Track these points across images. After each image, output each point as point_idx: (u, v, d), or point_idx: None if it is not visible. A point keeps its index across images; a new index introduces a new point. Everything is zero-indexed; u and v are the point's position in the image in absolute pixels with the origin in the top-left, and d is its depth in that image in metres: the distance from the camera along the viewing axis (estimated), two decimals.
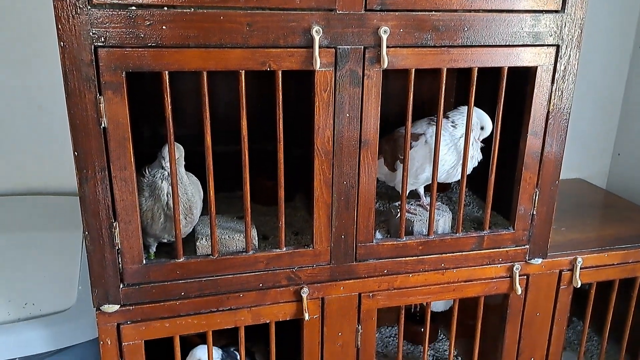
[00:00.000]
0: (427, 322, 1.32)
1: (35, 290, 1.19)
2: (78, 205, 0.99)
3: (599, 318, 1.50)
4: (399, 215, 1.24)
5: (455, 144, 1.25)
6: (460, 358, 1.72)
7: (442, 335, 1.84)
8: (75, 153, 0.96)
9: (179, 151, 1.08)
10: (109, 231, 1.02)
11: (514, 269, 1.30)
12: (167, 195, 1.07)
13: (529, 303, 1.35)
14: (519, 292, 1.31)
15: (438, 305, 1.67)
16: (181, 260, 1.09)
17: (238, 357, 1.28)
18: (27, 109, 1.52)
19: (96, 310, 1.06)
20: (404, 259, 1.23)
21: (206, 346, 1.18)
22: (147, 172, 1.08)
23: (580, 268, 1.35)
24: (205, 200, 1.11)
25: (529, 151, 1.21)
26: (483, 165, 1.27)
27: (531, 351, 1.40)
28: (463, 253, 1.26)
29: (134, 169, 1.00)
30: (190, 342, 1.60)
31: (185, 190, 1.09)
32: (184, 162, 1.10)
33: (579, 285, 1.35)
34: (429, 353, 1.75)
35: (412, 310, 1.79)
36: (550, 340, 1.41)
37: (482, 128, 1.26)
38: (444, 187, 1.58)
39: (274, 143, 1.07)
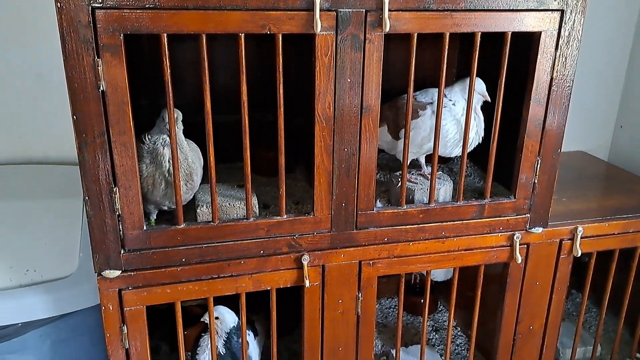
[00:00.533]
0: (427, 290, 1.33)
1: (37, 257, 1.19)
2: (78, 174, 0.99)
3: (598, 290, 1.51)
4: (399, 184, 1.24)
5: (458, 117, 1.23)
6: (459, 329, 1.73)
7: (441, 307, 1.85)
8: (74, 117, 0.95)
9: (177, 115, 1.07)
10: (109, 196, 1.01)
11: (515, 237, 1.30)
12: (168, 162, 1.07)
13: (529, 272, 1.36)
14: (519, 261, 1.31)
15: (438, 276, 1.68)
16: (182, 226, 1.08)
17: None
18: (26, 78, 1.50)
19: (97, 276, 1.06)
20: (404, 227, 1.23)
21: (225, 307, 1.19)
22: (147, 139, 1.08)
23: (581, 237, 1.35)
24: (206, 168, 1.11)
25: (532, 119, 1.20)
26: (485, 135, 1.26)
27: (530, 320, 1.41)
28: (464, 221, 1.26)
29: (134, 134, 0.99)
30: (191, 313, 1.62)
31: (185, 157, 1.09)
32: (182, 127, 1.09)
33: (579, 255, 1.36)
34: (428, 324, 1.76)
35: (412, 281, 1.80)
36: (549, 309, 1.42)
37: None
38: (445, 159, 1.57)
39: (275, 112, 1.06)
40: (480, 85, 1.23)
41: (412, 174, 1.34)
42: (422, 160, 1.35)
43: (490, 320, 1.45)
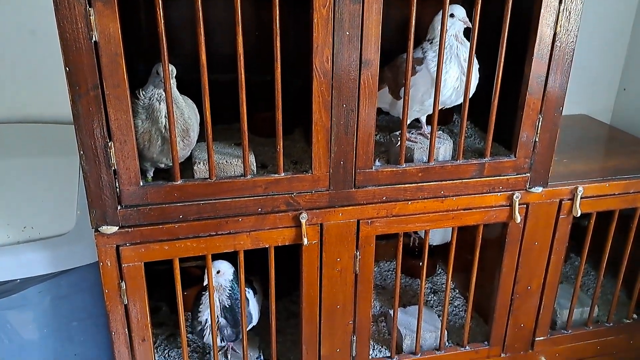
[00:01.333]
0: (425, 250, 1.33)
1: (34, 214, 1.19)
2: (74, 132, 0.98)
3: (596, 254, 1.51)
4: (399, 143, 1.22)
5: (457, 61, 1.20)
6: (457, 290, 1.74)
7: (440, 270, 1.86)
8: (67, 69, 0.93)
9: (171, 70, 1.05)
10: (105, 151, 1.00)
11: (514, 197, 1.29)
12: (164, 117, 1.05)
13: (528, 232, 1.35)
14: (518, 220, 1.31)
15: (436, 239, 1.68)
16: (179, 182, 1.08)
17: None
18: (20, 36, 1.48)
19: (94, 232, 1.06)
20: (403, 186, 1.22)
21: (225, 261, 1.19)
22: (142, 95, 1.06)
23: (581, 197, 1.34)
24: (202, 125, 1.10)
25: (534, 75, 1.18)
26: (485, 96, 1.24)
27: (528, 280, 1.41)
28: (463, 180, 1.25)
29: (128, 87, 0.97)
30: (190, 274, 1.63)
31: (181, 112, 1.07)
32: (175, 82, 1.07)
33: (578, 215, 1.35)
34: (427, 286, 1.77)
35: (411, 244, 1.81)
36: (547, 269, 1.42)
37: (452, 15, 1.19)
38: (445, 120, 1.56)
39: (273, 74, 1.04)
40: (460, 11, 1.19)
41: (412, 133, 1.33)
42: (423, 119, 1.34)
43: (488, 282, 1.45)
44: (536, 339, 1.49)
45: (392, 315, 1.43)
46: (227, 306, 1.26)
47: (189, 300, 1.42)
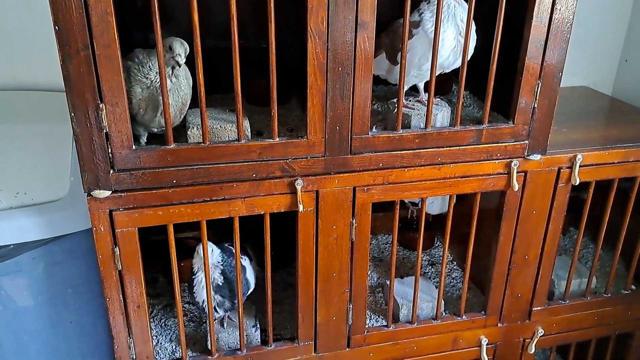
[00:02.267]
0: (422, 218, 1.32)
1: (27, 180, 1.18)
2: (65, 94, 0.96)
3: (594, 227, 1.50)
4: (396, 110, 1.21)
5: (454, 21, 1.18)
6: (455, 263, 1.74)
7: (438, 242, 1.85)
8: (56, 27, 0.91)
9: (185, 47, 1.04)
10: (96, 113, 0.99)
11: (512, 164, 1.28)
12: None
13: (526, 201, 1.34)
14: (516, 188, 1.30)
15: (434, 208, 1.67)
16: (172, 146, 1.06)
17: (233, 251, 1.29)
18: (13, 1, 1.45)
19: (87, 196, 1.05)
20: (399, 152, 1.21)
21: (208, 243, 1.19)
22: (148, 66, 1.04)
23: (580, 165, 1.33)
24: (195, 88, 1.08)
25: (533, 39, 1.16)
26: (483, 64, 1.21)
27: (525, 249, 1.41)
28: (460, 147, 1.24)
29: (119, 47, 0.95)
30: (186, 245, 1.62)
31: (181, 87, 1.06)
32: (185, 59, 1.05)
33: (577, 183, 1.34)
34: (424, 258, 1.77)
35: (409, 216, 1.80)
36: (545, 239, 1.41)
37: None
38: (443, 90, 1.54)
39: (268, 40, 1.02)
40: None
41: (410, 100, 1.31)
42: (421, 86, 1.32)
43: (485, 254, 1.45)
44: (533, 309, 1.49)
45: (389, 285, 1.43)
46: (221, 284, 1.25)
47: (185, 271, 1.42)
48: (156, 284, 1.60)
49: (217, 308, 1.27)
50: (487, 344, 1.48)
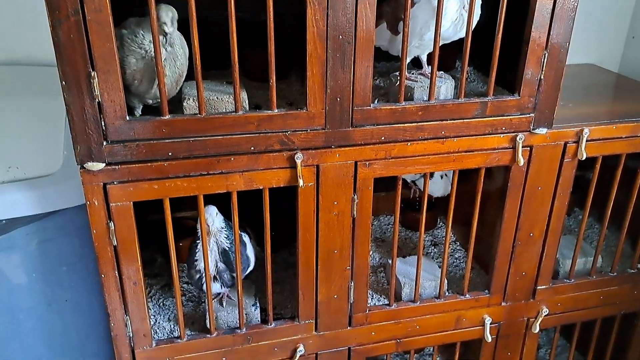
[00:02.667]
0: (425, 194, 1.28)
1: (19, 154, 1.15)
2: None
3: (600, 208, 1.47)
4: (398, 82, 1.17)
5: None
6: (458, 243, 1.71)
7: (440, 223, 1.83)
8: None
9: (173, 14, 1.01)
10: (87, 82, 0.96)
11: (517, 139, 1.24)
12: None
13: (531, 176, 1.31)
14: (521, 163, 1.26)
15: (437, 190, 1.64)
16: (167, 117, 1.03)
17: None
18: None
19: (80, 169, 1.02)
20: (402, 125, 1.17)
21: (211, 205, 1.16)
22: (141, 35, 1.00)
23: (587, 140, 1.30)
24: (192, 59, 1.04)
25: (540, 8, 1.12)
26: (487, 39, 1.17)
27: (530, 227, 1.38)
28: (465, 120, 1.20)
29: (110, 12, 0.92)
30: (184, 225, 1.60)
31: (177, 58, 1.02)
32: (177, 25, 1.02)
33: (584, 157, 1.30)
34: (427, 239, 1.74)
35: (411, 196, 1.77)
36: (550, 216, 1.38)
37: None
38: (447, 66, 1.50)
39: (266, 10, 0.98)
40: None
41: (412, 73, 1.27)
42: (424, 58, 1.28)
43: (489, 235, 1.42)
44: (538, 287, 1.47)
45: (391, 265, 1.40)
46: (227, 248, 1.22)
47: (183, 252, 1.39)
48: (154, 264, 1.58)
49: (218, 277, 1.24)
50: (490, 323, 1.46)
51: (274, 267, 1.53)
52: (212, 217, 1.18)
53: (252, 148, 1.10)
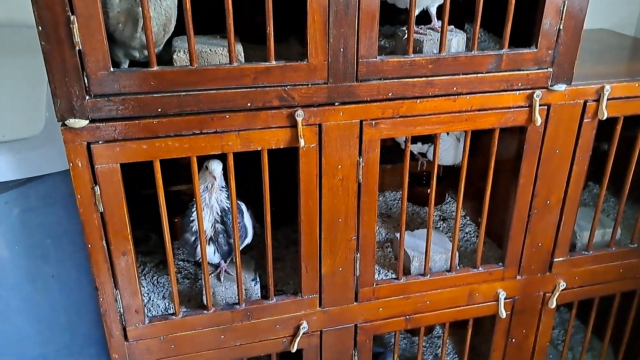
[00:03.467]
0: (436, 157, 1.20)
1: None
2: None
3: (614, 179, 1.39)
4: (406, 36, 1.08)
5: None
6: (468, 217, 1.62)
7: (449, 198, 1.74)
8: None
9: None
10: (67, 27, 0.87)
11: (535, 96, 1.16)
12: None
13: (548, 138, 1.22)
14: (539, 123, 1.18)
15: (447, 158, 1.55)
16: (155, 68, 0.94)
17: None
18: None
19: (61, 126, 0.93)
20: (411, 80, 1.08)
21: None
22: None
23: (608, 98, 1.21)
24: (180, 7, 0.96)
25: None
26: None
27: (547, 193, 1.29)
28: (478, 75, 1.12)
29: None
30: (180, 201, 1.51)
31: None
32: None
33: (604, 117, 1.22)
34: (435, 214, 1.65)
35: (418, 168, 1.69)
36: (568, 182, 1.29)
37: None
38: (457, 23, 1.41)
39: None
40: None
41: (421, 28, 1.19)
42: (433, 11, 1.19)
43: (501, 208, 1.34)
44: (554, 260, 1.38)
45: (398, 239, 1.32)
46: (227, 208, 1.14)
47: (178, 230, 1.31)
48: (148, 242, 1.49)
49: (215, 240, 1.16)
50: (505, 298, 1.37)
51: (275, 244, 1.44)
52: (218, 171, 1.10)
53: (249, 104, 1.01)
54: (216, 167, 1.12)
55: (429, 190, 1.58)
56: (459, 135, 1.52)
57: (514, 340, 1.45)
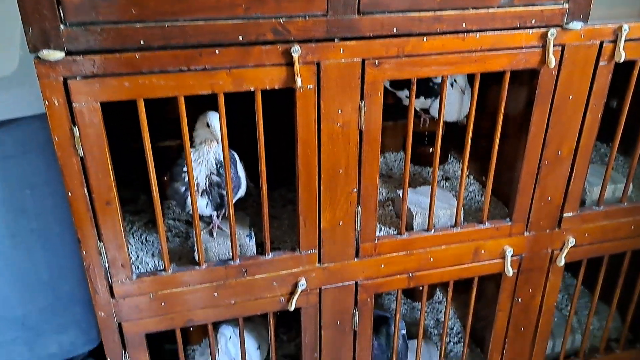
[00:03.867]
0: (442, 104, 1.12)
1: None
2: None
3: (628, 142, 1.32)
4: None
5: None
6: (472, 177, 1.55)
7: (452, 159, 1.67)
8: None
9: None
10: None
11: (549, 35, 1.08)
12: None
13: (562, 82, 1.15)
14: (552, 64, 1.10)
15: (451, 114, 1.47)
16: None
17: None
18: None
19: (34, 59, 0.85)
20: (417, 14, 1.00)
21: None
22: None
23: (626, 39, 1.13)
24: None
25: None
26: None
27: (559, 143, 1.22)
28: (489, 10, 1.03)
29: None
30: (170, 157, 1.42)
31: None
32: None
33: (621, 60, 1.14)
34: (438, 174, 1.58)
35: (421, 126, 1.61)
36: (581, 131, 1.22)
37: None
38: None
39: None
40: None
41: None
42: None
43: (507, 169, 1.27)
44: (564, 215, 1.31)
45: (400, 196, 1.25)
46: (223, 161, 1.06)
47: (167, 187, 1.23)
48: (137, 201, 1.42)
49: (209, 192, 1.09)
50: (511, 255, 1.31)
51: (272, 204, 1.37)
52: (216, 124, 1.02)
53: (241, 38, 0.93)
54: (214, 118, 1.04)
55: (431, 149, 1.52)
56: (464, 87, 1.44)
57: (520, 300, 1.40)
